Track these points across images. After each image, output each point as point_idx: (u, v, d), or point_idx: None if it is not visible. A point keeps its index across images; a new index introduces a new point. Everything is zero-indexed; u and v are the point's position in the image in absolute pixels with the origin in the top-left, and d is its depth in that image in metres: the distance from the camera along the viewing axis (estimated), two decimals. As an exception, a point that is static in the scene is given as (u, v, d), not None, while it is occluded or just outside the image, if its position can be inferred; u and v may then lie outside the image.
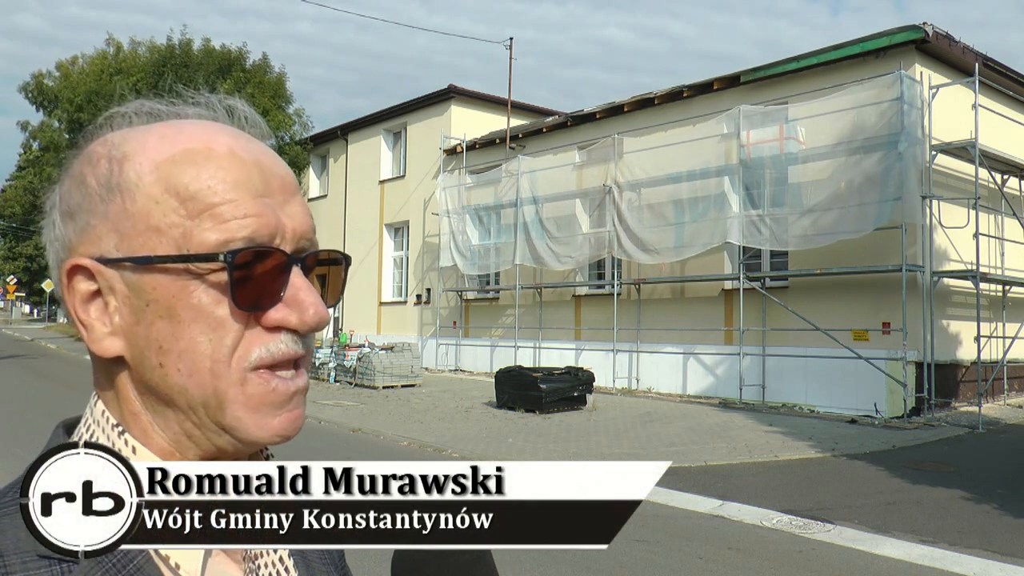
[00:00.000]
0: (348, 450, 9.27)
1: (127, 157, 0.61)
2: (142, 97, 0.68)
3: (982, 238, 12.01)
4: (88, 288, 0.61)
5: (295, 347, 0.62)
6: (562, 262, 16.84)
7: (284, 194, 0.63)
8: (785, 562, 5.25)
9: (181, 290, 0.58)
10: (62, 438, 0.63)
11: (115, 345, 0.60)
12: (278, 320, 0.60)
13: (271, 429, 0.61)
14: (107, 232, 0.60)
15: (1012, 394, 13.84)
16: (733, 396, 13.57)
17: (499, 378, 13.06)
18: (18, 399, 12.83)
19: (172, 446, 0.61)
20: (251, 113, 0.69)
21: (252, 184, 0.61)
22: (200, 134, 0.62)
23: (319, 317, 0.61)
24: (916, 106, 11.76)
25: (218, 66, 25.33)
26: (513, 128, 19.49)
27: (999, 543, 5.68)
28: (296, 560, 0.70)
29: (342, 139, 25.63)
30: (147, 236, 0.59)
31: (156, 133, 0.62)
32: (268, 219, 0.60)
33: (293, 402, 0.62)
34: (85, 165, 0.63)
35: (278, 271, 0.60)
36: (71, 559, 0.55)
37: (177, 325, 0.59)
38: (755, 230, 13.08)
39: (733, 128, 13.63)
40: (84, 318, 0.61)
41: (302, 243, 0.63)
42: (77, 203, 0.62)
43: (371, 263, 23.80)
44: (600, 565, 5.09)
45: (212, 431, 0.61)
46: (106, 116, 0.66)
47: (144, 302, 0.59)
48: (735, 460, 8.67)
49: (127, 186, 0.60)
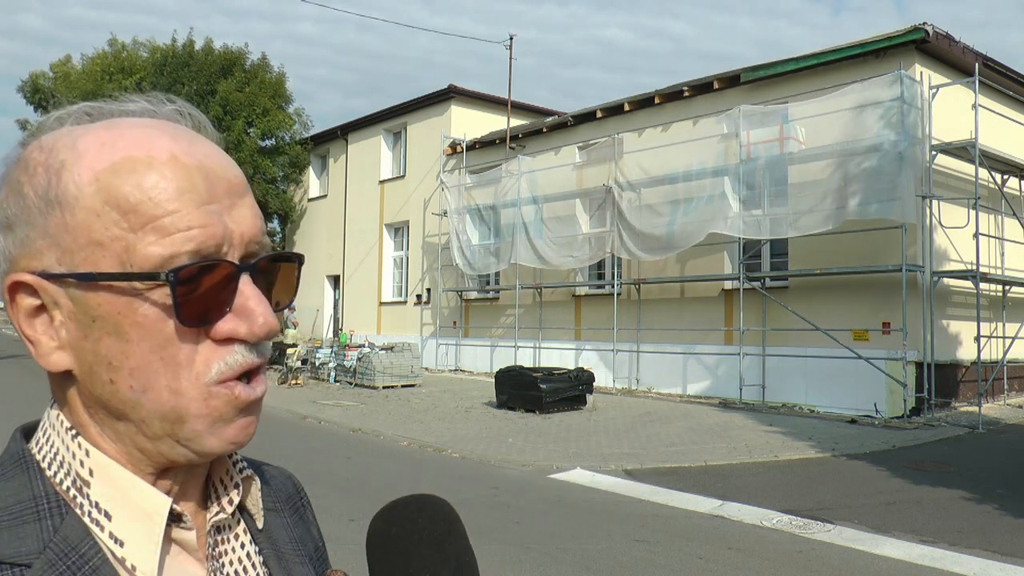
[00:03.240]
0: (348, 450, 9.27)
1: (65, 166, 0.58)
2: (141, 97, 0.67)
3: (982, 238, 12.01)
4: (32, 303, 0.59)
5: (251, 356, 0.61)
6: (562, 262, 16.85)
7: (231, 197, 0.61)
8: (785, 562, 5.25)
9: (126, 307, 0.57)
10: (20, 443, 0.62)
11: (63, 360, 0.59)
12: (227, 332, 0.59)
13: (226, 438, 0.61)
14: (47, 246, 0.58)
15: (1012, 394, 13.84)
16: (733, 396, 13.57)
17: (499, 378, 13.06)
18: (18, 399, 12.83)
19: (123, 455, 0.61)
20: (189, 107, 0.67)
21: (196, 192, 0.58)
22: (140, 139, 0.59)
23: (268, 327, 0.60)
24: (916, 106, 11.75)
25: (219, 66, 25.33)
26: (513, 128, 19.49)
27: (999, 543, 5.68)
28: (267, 555, 0.70)
29: (342, 139, 25.62)
30: (89, 250, 0.57)
31: (95, 138, 0.59)
32: (214, 228, 0.58)
33: (251, 409, 0.62)
34: (22, 173, 0.60)
35: (225, 282, 0.59)
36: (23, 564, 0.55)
37: (126, 343, 0.57)
38: (755, 229, 13.08)
39: (733, 128, 13.63)
40: (30, 333, 0.59)
41: (251, 247, 0.62)
42: (15, 214, 0.59)
43: (371, 263, 23.80)
44: (600, 565, 5.09)
45: (165, 444, 0.60)
46: (42, 120, 0.64)
47: (90, 318, 0.57)
48: (735, 460, 8.67)
49: (66, 199, 0.57)
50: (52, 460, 0.61)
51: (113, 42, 27.15)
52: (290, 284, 0.67)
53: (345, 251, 24.91)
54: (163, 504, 0.61)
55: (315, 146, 27.15)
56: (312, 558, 0.75)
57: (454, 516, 0.71)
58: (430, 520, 0.70)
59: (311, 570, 0.74)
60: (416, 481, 7.66)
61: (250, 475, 0.70)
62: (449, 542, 0.69)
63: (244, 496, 0.70)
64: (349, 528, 5.42)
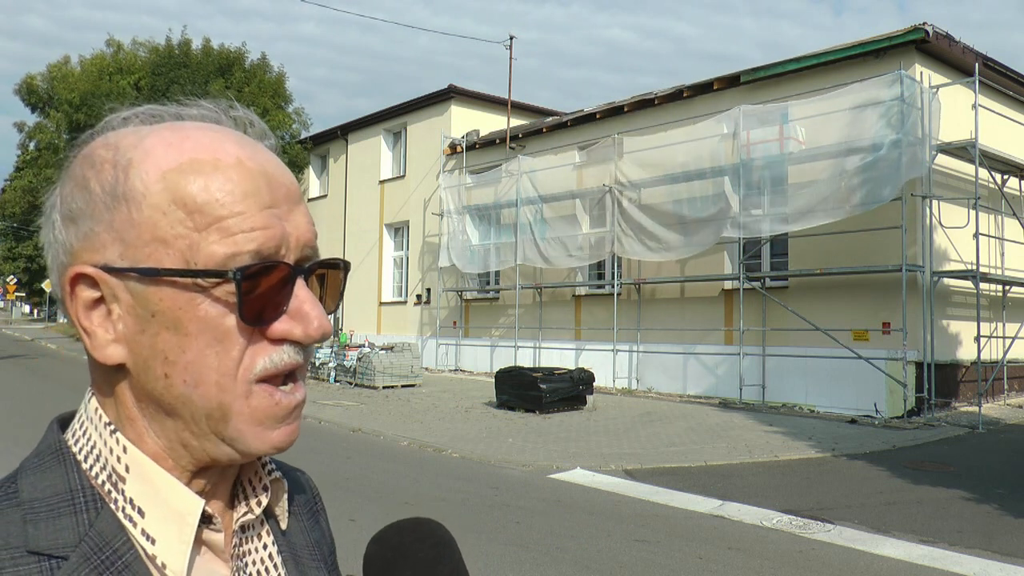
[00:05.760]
0: (348, 450, 9.27)
1: (132, 164, 0.60)
2: (141, 97, 0.67)
3: (982, 238, 12.01)
4: (91, 295, 0.60)
5: (297, 357, 0.62)
6: (562, 262, 16.85)
7: (289, 203, 0.63)
8: (785, 562, 5.25)
9: (188, 303, 0.58)
10: (57, 434, 0.63)
11: (118, 352, 0.60)
12: (283, 332, 0.61)
13: (270, 441, 0.62)
14: (111, 240, 0.59)
15: (1012, 394, 13.85)
16: (733, 396, 13.57)
17: (499, 378, 13.06)
18: (18, 399, 12.83)
19: (166, 452, 0.62)
20: (252, 116, 0.69)
21: (259, 195, 0.60)
22: (207, 142, 0.61)
23: (323, 330, 0.62)
24: (916, 106, 11.74)
25: (217, 66, 25.32)
26: (513, 128, 19.50)
27: (999, 543, 5.68)
28: (285, 556, 0.71)
29: (342, 139, 25.63)
30: (153, 247, 0.58)
31: (161, 139, 0.61)
32: (274, 231, 0.60)
33: (292, 415, 0.63)
34: (88, 168, 0.61)
35: (282, 283, 0.61)
36: (59, 556, 0.56)
37: (184, 337, 0.59)
38: (755, 229, 13.09)
39: (733, 128, 13.63)
40: (87, 325, 0.60)
41: (306, 252, 0.63)
42: (80, 208, 0.61)
43: (371, 263, 23.80)
44: (600, 565, 5.09)
45: (210, 441, 0.61)
46: (108, 118, 0.65)
47: (149, 312, 0.59)
48: (735, 460, 8.67)
49: (133, 195, 0.59)
50: (89, 453, 0.62)
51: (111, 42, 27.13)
52: (336, 290, 0.69)
53: (345, 251, 24.91)
54: (196, 505, 0.62)
55: (315, 146, 27.16)
56: (327, 562, 0.77)
57: (448, 539, 0.73)
58: (423, 544, 0.72)
59: (326, 574, 0.75)
60: (416, 481, 7.65)
61: (279, 478, 0.71)
62: (442, 564, 0.71)
63: (272, 499, 0.71)
64: (349, 528, 5.42)
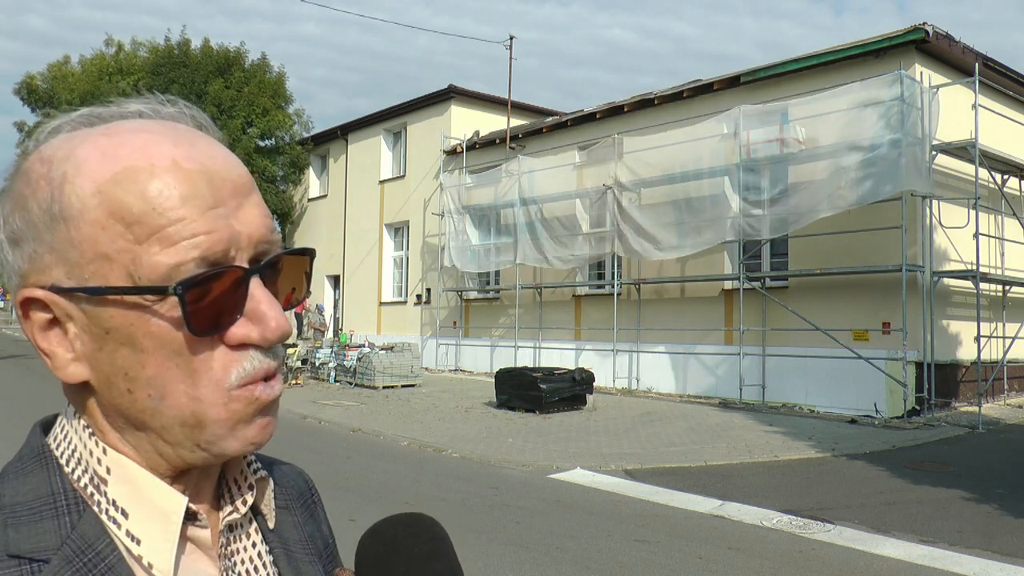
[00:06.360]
0: (348, 450, 9.27)
1: (66, 179, 0.57)
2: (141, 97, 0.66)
3: (982, 238, 12.01)
4: (44, 317, 0.59)
5: (267, 360, 0.61)
6: (562, 262, 16.84)
7: (237, 198, 0.60)
8: (785, 562, 5.25)
9: (138, 319, 0.57)
10: (40, 437, 0.63)
11: (80, 371, 0.59)
12: (240, 337, 0.59)
13: (246, 439, 0.61)
14: (55, 261, 0.58)
15: (1012, 394, 13.84)
16: (733, 396, 13.57)
17: (499, 378, 13.06)
18: (18, 399, 12.83)
19: (142, 460, 0.61)
20: (194, 109, 0.67)
21: (200, 197, 0.57)
22: (141, 146, 0.58)
23: (281, 331, 0.60)
24: (916, 106, 11.74)
25: (216, 66, 25.30)
26: (513, 128, 19.49)
27: (999, 543, 5.68)
28: (277, 553, 0.70)
29: (342, 139, 25.62)
30: (97, 264, 0.56)
31: (95, 147, 0.58)
32: (220, 234, 0.58)
33: (269, 409, 0.62)
34: (25, 187, 0.59)
35: (235, 287, 0.58)
36: (41, 560, 0.55)
37: (140, 353, 0.57)
38: (755, 229, 13.09)
39: (733, 128, 13.63)
40: (45, 346, 0.59)
41: (261, 247, 0.61)
42: (21, 229, 0.59)
43: (371, 263, 23.80)
44: (600, 565, 5.09)
45: (185, 448, 0.60)
46: (40, 129, 0.63)
47: (103, 330, 0.57)
48: (735, 460, 8.67)
49: (70, 213, 0.57)
50: (71, 457, 0.61)
51: (111, 42, 27.14)
52: (302, 276, 0.67)
53: (345, 251, 24.91)
54: (180, 503, 0.61)
55: (315, 146, 27.16)
56: (322, 556, 0.76)
57: (442, 535, 0.72)
58: (417, 539, 0.71)
59: (320, 568, 0.74)
60: (416, 481, 7.65)
61: (264, 476, 0.71)
62: (436, 560, 0.70)
63: (258, 497, 0.70)
64: (349, 528, 5.41)
